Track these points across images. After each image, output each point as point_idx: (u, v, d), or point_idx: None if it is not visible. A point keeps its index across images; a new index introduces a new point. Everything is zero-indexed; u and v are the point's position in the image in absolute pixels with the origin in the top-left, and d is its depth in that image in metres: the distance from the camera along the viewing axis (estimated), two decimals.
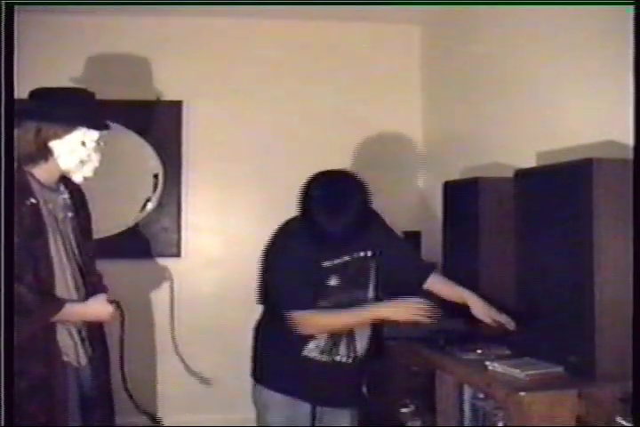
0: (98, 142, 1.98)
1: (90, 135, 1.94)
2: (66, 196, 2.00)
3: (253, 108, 3.80)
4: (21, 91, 1.97)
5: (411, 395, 2.46)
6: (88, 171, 1.98)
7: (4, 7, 1.74)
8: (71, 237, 1.97)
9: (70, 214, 1.99)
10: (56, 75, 3.58)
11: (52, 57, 3.55)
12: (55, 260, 1.87)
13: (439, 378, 2.19)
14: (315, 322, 2.03)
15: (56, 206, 1.94)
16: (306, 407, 2.12)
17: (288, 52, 3.86)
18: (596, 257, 1.74)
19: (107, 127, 2.02)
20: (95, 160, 1.98)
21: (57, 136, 1.89)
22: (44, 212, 1.87)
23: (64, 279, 1.90)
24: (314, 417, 2.13)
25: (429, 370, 2.25)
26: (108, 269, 3.68)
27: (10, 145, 1.80)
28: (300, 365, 2.10)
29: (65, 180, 2.02)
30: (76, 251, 1.97)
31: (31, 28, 3.36)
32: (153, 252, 3.71)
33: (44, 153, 1.89)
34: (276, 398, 2.11)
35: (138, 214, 3.69)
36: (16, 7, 1.77)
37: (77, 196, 2.07)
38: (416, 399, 2.43)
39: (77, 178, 1.99)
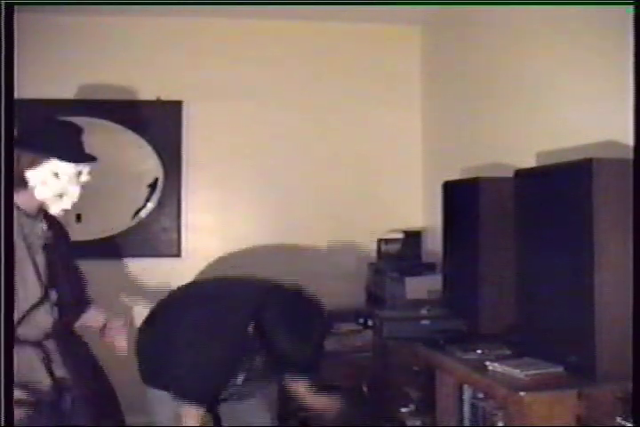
0: (78, 175, 1.94)
1: (63, 167, 1.89)
2: (44, 226, 1.96)
3: (253, 109, 3.80)
4: (22, 91, 1.97)
5: (411, 395, 2.46)
6: (66, 204, 1.95)
7: (3, 7, 1.74)
8: (42, 265, 1.89)
9: (45, 244, 1.93)
10: (56, 75, 3.60)
11: (52, 57, 3.56)
12: (19, 286, 1.80)
13: (439, 378, 2.19)
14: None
15: (32, 234, 1.90)
16: None
17: (288, 52, 3.86)
18: (596, 257, 1.74)
19: (89, 159, 1.96)
20: (73, 194, 1.94)
21: (31, 165, 1.86)
22: (18, 236, 1.83)
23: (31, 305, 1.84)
24: None
25: (429, 370, 2.25)
26: (109, 269, 3.68)
27: (9, 146, 1.78)
28: None
29: (45, 209, 1.97)
30: (46, 281, 1.89)
31: (31, 27, 3.37)
32: (153, 252, 3.71)
33: (21, 181, 1.86)
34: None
35: (138, 214, 3.69)
36: (16, 7, 1.77)
37: (55, 228, 2.02)
38: (416, 399, 2.43)
39: (54, 210, 1.95)
